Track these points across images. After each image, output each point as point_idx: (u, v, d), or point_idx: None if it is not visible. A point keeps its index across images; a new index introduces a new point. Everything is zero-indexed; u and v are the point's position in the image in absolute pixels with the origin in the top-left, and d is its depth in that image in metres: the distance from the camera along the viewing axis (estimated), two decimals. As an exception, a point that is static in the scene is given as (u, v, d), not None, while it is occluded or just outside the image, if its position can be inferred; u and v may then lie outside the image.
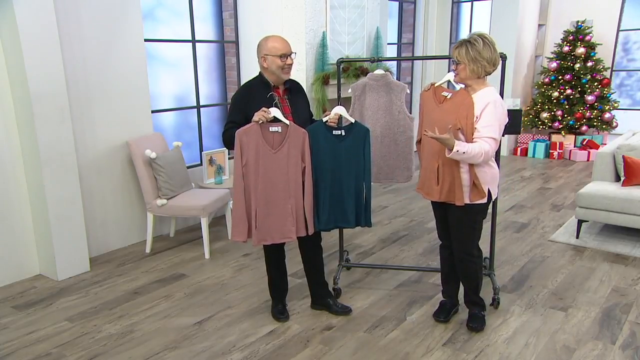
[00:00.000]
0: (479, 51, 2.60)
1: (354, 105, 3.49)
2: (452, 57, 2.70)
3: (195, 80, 4.92)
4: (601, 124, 7.49)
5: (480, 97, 2.64)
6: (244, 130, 2.69)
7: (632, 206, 4.05)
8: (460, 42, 2.66)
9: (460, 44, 2.65)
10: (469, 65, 2.62)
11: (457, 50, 2.65)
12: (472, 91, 2.71)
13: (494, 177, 2.76)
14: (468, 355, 2.72)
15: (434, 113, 2.77)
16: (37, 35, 3.33)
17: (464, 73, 2.66)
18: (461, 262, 2.89)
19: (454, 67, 2.69)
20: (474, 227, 2.81)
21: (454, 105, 2.68)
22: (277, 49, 2.76)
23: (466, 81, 2.69)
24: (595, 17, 7.70)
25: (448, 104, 2.71)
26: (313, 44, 5.23)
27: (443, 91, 2.78)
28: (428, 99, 2.84)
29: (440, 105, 2.75)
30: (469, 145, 2.55)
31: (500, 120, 2.64)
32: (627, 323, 3.01)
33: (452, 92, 2.75)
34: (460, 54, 2.63)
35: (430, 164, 2.79)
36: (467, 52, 2.61)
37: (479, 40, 2.61)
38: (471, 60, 2.61)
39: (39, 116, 3.41)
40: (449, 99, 2.72)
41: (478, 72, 2.64)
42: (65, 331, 3.00)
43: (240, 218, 2.78)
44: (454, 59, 2.67)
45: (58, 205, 3.59)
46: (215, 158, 4.81)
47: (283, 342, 2.86)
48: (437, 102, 2.77)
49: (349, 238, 4.44)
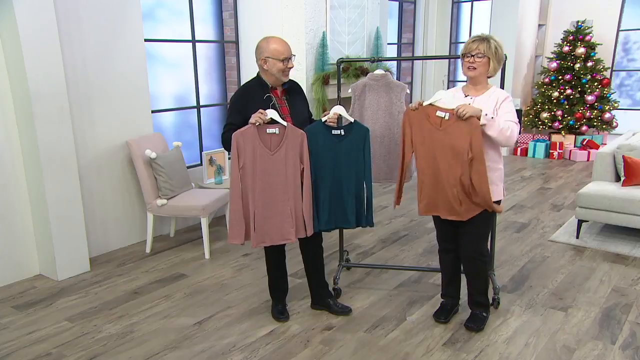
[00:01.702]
0: (499, 49, 2.63)
1: (354, 105, 3.49)
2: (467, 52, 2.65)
3: (195, 80, 4.92)
4: (601, 124, 7.49)
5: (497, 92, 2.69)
6: (240, 133, 2.69)
7: (632, 206, 4.05)
8: (479, 37, 2.64)
9: (481, 38, 2.63)
10: (492, 60, 2.63)
11: (480, 44, 2.61)
12: (481, 90, 2.71)
13: (502, 175, 2.81)
14: (468, 355, 2.72)
15: (435, 136, 2.65)
16: (37, 35, 3.33)
17: (483, 68, 2.64)
18: (472, 262, 2.87)
19: (470, 60, 2.64)
20: (487, 227, 2.84)
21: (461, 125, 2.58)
22: (280, 52, 2.75)
23: (479, 77, 2.68)
24: (595, 17, 7.70)
25: (452, 126, 2.61)
26: (313, 44, 5.23)
27: (437, 111, 2.65)
28: (420, 120, 2.70)
29: (442, 128, 2.64)
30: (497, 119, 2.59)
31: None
32: (627, 323, 3.01)
33: (449, 111, 2.62)
34: (488, 48, 2.61)
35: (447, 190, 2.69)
36: (490, 47, 2.61)
37: (494, 38, 2.64)
38: (493, 55, 2.62)
39: (39, 116, 3.41)
40: (448, 120, 2.62)
41: (495, 68, 2.67)
42: (65, 331, 3.00)
43: (237, 221, 2.77)
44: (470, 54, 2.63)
45: (58, 205, 3.59)
46: (215, 158, 4.81)
47: (283, 342, 2.86)
48: (434, 125, 2.65)
49: (349, 238, 4.44)
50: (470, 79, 2.74)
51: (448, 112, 2.62)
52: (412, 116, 2.74)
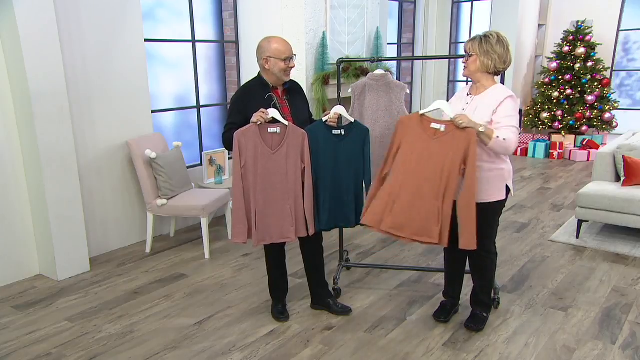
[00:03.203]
0: (492, 45, 2.62)
1: (354, 105, 3.49)
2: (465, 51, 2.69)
3: (195, 80, 4.92)
4: (601, 124, 7.49)
5: (497, 92, 2.65)
6: (242, 132, 2.70)
7: (632, 206, 4.05)
8: (474, 36, 2.68)
9: (473, 37, 2.67)
10: (479, 57, 2.63)
11: (470, 43, 2.65)
12: (481, 88, 2.70)
13: (510, 173, 2.76)
14: (468, 355, 2.72)
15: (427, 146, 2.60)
16: (37, 35, 3.33)
17: (473, 66, 2.65)
18: (479, 259, 2.86)
19: (465, 60, 2.69)
20: (493, 224, 2.82)
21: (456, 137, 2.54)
22: (282, 51, 2.76)
23: (474, 75, 2.69)
24: (595, 17, 7.70)
25: (447, 137, 2.57)
26: (313, 44, 5.23)
27: (432, 122, 2.60)
28: (413, 129, 2.64)
29: (436, 138, 2.59)
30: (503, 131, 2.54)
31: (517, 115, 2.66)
32: (627, 323, 3.01)
33: (445, 122, 2.60)
34: (473, 46, 2.63)
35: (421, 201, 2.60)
36: (480, 45, 2.62)
37: (494, 35, 2.64)
38: (483, 52, 2.62)
39: (39, 116, 3.41)
40: (443, 131, 2.57)
41: (487, 65, 2.64)
42: (65, 331, 3.00)
43: (239, 219, 2.78)
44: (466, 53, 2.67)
45: (58, 205, 3.59)
46: (215, 158, 4.81)
47: (283, 342, 2.86)
48: (429, 135, 2.61)
49: (349, 238, 4.44)
50: (471, 78, 2.75)
51: (444, 125, 2.59)
52: (406, 125, 2.67)
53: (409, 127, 2.66)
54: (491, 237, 2.84)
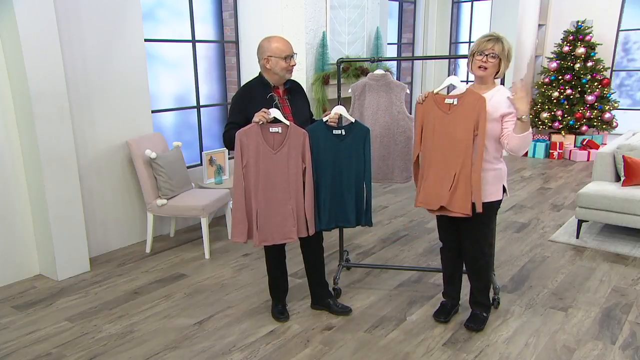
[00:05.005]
0: (510, 50, 2.61)
1: (354, 105, 3.49)
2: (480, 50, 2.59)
3: (195, 80, 4.92)
4: (601, 124, 7.49)
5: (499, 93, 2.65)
6: (244, 131, 2.70)
7: (632, 206, 4.05)
8: (494, 36, 2.59)
9: (495, 38, 2.59)
10: (504, 62, 2.61)
11: (495, 45, 2.57)
12: (485, 89, 2.68)
13: (505, 173, 2.78)
14: (468, 355, 2.72)
15: (444, 121, 2.67)
16: (37, 35, 3.33)
17: (494, 68, 2.62)
18: (475, 261, 2.86)
19: (483, 59, 2.59)
20: (490, 225, 2.81)
21: (467, 106, 2.59)
22: (282, 50, 2.76)
23: (488, 78, 2.66)
24: (595, 17, 7.70)
25: (460, 108, 2.63)
26: (313, 44, 5.23)
27: (445, 99, 2.67)
28: (430, 110, 2.72)
29: (450, 113, 2.65)
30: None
31: None
32: (627, 323, 3.01)
33: (457, 96, 2.65)
34: (502, 50, 2.58)
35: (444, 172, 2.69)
36: (503, 49, 2.59)
37: (507, 39, 2.63)
38: (505, 57, 2.61)
39: (39, 116, 3.41)
40: (457, 104, 2.64)
41: (504, 71, 2.65)
42: (65, 331, 3.00)
43: (240, 219, 2.77)
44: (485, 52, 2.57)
45: (58, 205, 3.59)
46: (215, 158, 4.81)
47: (283, 342, 2.86)
48: (444, 111, 2.66)
49: (349, 238, 4.44)
50: (478, 78, 2.70)
51: (456, 98, 2.65)
52: (423, 109, 2.76)
53: (425, 108, 2.75)
54: (487, 238, 2.84)
